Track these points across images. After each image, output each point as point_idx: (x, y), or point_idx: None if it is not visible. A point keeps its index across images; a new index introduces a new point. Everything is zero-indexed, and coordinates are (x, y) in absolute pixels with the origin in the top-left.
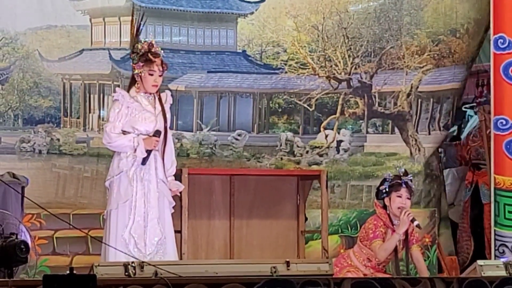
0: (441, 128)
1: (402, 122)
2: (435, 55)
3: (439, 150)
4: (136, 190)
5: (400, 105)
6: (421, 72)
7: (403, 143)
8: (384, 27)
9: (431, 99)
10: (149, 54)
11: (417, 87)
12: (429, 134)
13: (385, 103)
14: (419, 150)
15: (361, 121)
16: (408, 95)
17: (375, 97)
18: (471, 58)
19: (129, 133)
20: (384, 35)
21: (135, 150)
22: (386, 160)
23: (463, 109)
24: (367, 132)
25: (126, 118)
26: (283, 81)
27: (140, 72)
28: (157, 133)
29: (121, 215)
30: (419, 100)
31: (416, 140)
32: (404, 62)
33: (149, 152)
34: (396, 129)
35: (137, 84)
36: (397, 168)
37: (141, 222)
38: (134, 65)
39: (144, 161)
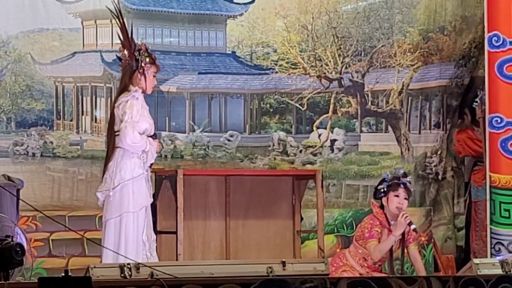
0: (432, 127)
1: (395, 121)
2: (425, 52)
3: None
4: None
5: (392, 103)
6: (412, 70)
7: (395, 142)
8: (375, 26)
9: (420, 97)
10: (153, 56)
11: (408, 85)
12: (419, 133)
13: (378, 102)
14: (408, 149)
15: (354, 120)
16: (400, 93)
17: (367, 96)
18: (461, 55)
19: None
20: (374, 34)
21: (143, 151)
22: (381, 159)
23: None
24: (361, 131)
25: (142, 118)
26: (274, 81)
27: (148, 73)
28: (155, 136)
29: (141, 217)
30: (409, 98)
31: (406, 139)
32: (396, 60)
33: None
34: (389, 128)
35: (139, 83)
36: (395, 169)
37: (148, 223)
38: (144, 65)
39: (152, 164)
